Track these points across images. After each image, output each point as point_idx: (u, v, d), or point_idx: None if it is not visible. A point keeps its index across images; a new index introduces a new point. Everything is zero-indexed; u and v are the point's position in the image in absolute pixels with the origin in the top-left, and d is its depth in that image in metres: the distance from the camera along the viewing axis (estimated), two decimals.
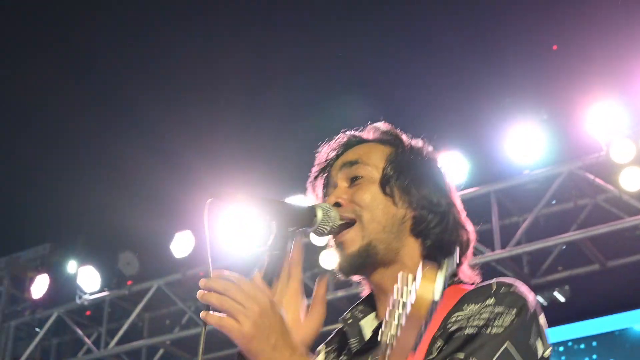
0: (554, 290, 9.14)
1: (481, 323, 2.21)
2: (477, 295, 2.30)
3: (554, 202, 8.85)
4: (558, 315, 8.76)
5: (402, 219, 2.49)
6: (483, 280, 2.45)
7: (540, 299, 9.18)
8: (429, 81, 8.87)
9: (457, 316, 2.25)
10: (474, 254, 2.64)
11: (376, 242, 2.46)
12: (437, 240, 2.50)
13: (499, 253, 8.65)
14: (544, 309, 2.39)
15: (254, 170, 9.25)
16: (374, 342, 2.40)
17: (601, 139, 8.09)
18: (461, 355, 2.17)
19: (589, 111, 8.09)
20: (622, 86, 8.11)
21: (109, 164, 10.30)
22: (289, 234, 2.32)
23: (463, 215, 2.57)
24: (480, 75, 8.85)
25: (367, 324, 2.52)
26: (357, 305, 2.58)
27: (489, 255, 8.63)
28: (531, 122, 8.47)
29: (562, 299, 9.17)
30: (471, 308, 2.25)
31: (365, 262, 2.46)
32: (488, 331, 2.20)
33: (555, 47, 8.91)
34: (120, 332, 10.62)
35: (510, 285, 2.31)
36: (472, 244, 2.58)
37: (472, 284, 2.49)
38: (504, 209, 8.94)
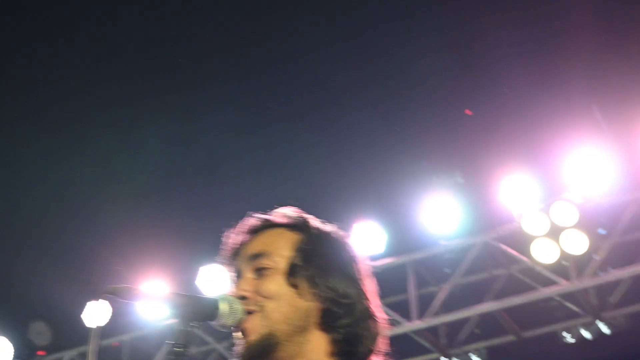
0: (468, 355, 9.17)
1: None
2: None
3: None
4: None
5: (307, 312, 2.41)
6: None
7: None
8: (344, 151, 8.91)
9: None
10: (392, 324, 2.57)
11: (277, 333, 2.38)
12: (345, 335, 2.41)
13: (417, 324, 8.63)
14: None
15: (171, 238, 9.15)
16: None
17: (514, 210, 8.18)
18: None
19: (503, 182, 8.20)
20: (535, 158, 8.24)
21: (20, 230, 10.06)
22: (191, 327, 2.27)
23: (374, 303, 2.49)
24: (395, 143, 8.91)
25: None
26: None
27: (406, 326, 8.61)
28: (446, 191, 8.54)
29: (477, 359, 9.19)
30: None
31: (264, 351, 2.38)
32: None
33: (469, 112, 9.01)
34: None
35: None
36: (383, 335, 2.49)
37: None
38: (420, 279, 8.94)
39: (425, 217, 8.57)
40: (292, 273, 2.43)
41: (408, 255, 8.83)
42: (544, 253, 8.05)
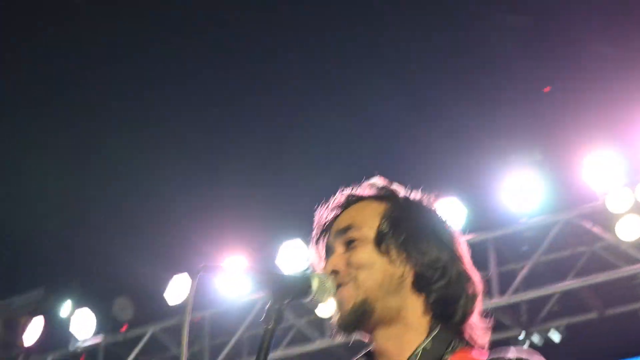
0: (549, 331, 9.14)
1: None
2: None
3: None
4: None
5: (400, 277, 2.41)
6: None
7: (535, 338, 9.16)
8: (426, 130, 8.90)
9: None
10: None
11: (372, 300, 2.39)
12: (441, 296, 2.41)
13: (497, 301, 8.63)
14: (540, 351, 2.34)
15: (251, 217, 9.26)
16: None
17: (598, 188, 8.12)
18: None
19: (586, 159, 8.12)
20: (619, 134, 8.15)
21: (106, 209, 10.27)
22: (284, 305, 2.27)
23: (468, 265, 2.49)
24: (476, 122, 8.88)
25: None
26: (359, 358, 2.51)
27: (486, 303, 8.60)
28: (528, 170, 8.50)
29: (556, 339, 9.14)
30: None
31: (361, 319, 2.40)
32: None
33: (547, 89, 8.94)
34: None
35: None
36: (480, 295, 2.49)
37: (482, 346, 2.45)
38: (501, 257, 8.93)
39: (506, 195, 8.54)
40: (381, 240, 2.44)
41: (489, 232, 8.81)
42: (628, 230, 7.99)
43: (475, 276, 2.49)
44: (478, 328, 2.47)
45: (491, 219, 8.80)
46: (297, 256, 9.00)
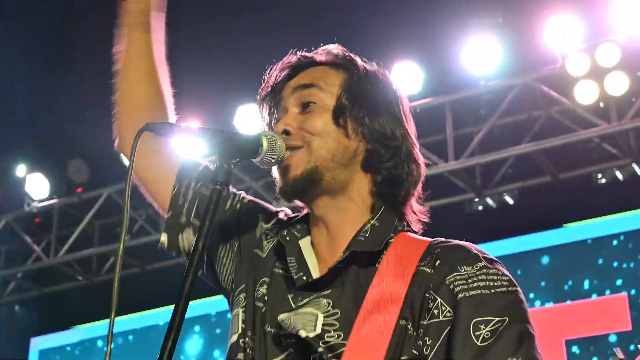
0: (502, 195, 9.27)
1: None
2: (461, 256, 2.25)
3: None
4: (508, 225, 8.87)
5: (353, 152, 2.39)
6: (434, 197, 2.42)
7: (489, 201, 9.29)
8: None
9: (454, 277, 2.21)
10: (427, 166, 2.55)
11: (322, 169, 2.35)
12: (388, 176, 2.40)
13: (453, 164, 8.67)
14: (494, 214, 2.33)
15: (208, 76, 9.11)
16: (323, 279, 2.34)
17: (557, 51, 8.08)
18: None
19: (546, 23, 8.06)
20: None
21: (62, 67, 10.03)
22: (232, 165, 2.19)
23: (416, 147, 2.47)
24: None
25: (306, 247, 2.43)
26: (294, 223, 2.50)
27: (442, 167, 8.66)
28: (487, 32, 8.42)
29: (510, 201, 9.29)
30: (467, 270, 2.20)
31: (308, 186, 2.37)
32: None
33: None
34: (71, 240, 10.54)
35: (492, 261, 2.26)
36: (422, 179, 2.48)
37: (417, 232, 2.45)
38: (458, 120, 8.93)
39: (464, 58, 8.48)
40: (340, 112, 2.39)
41: (446, 95, 8.77)
42: (585, 94, 8.01)
43: (420, 159, 2.46)
44: (416, 212, 2.47)
45: (449, 82, 8.75)
46: (255, 119, 8.93)
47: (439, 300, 2.18)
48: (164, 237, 2.64)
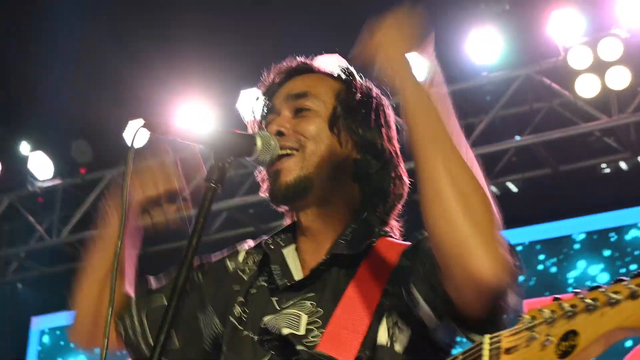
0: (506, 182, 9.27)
1: None
2: None
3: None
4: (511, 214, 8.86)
5: (344, 160, 2.45)
6: None
7: (493, 189, 9.29)
8: None
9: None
10: None
11: (314, 176, 2.41)
12: (375, 188, 2.47)
13: None
14: (498, 200, 2.39)
15: (212, 63, 9.12)
16: (305, 281, 2.40)
17: (559, 44, 8.11)
18: None
19: (550, 15, 8.07)
20: None
21: (67, 48, 10.04)
22: (227, 163, 2.24)
23: (402, 166, 2.55)
24: None
25: (290, 255, 2.49)
26: (278, 233, 2.56)
27: None
28: (491, 23, 8.43)
29: (514, 189, 9.29)
30: None
31: (298, 194, 2.42)
32: None
33: None
34: (74, 221, 10.56)
35: None
36: (404, 196, 2.56)
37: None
38: (460, 110, 8.91)
39: (467, 49, 8.50)
40: (334, 121, 2.47)
41: (448, 86, 8.74)
42: (586, 88, 8.04)
43: (405, 177, 2.55)
44: (395, 226, 2.55)
45: (451, 72, 8.75)
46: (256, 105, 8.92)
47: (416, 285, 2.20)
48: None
